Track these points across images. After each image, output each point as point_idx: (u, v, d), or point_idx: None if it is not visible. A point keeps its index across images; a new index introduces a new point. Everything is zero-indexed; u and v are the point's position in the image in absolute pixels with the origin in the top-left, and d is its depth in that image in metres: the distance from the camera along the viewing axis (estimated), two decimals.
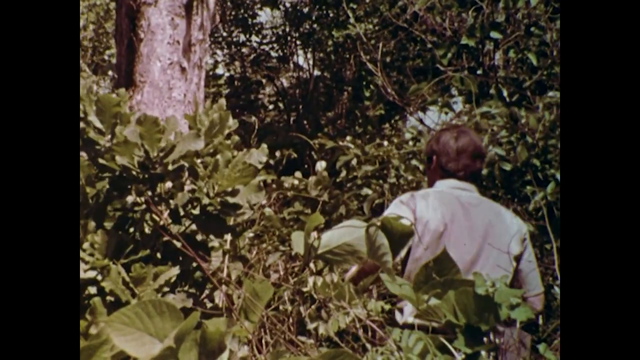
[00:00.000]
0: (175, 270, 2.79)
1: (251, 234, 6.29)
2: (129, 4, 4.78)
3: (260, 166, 2.96)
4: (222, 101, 3.01)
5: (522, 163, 5.22)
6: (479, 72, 6.97)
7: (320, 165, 5.83)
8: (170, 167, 2.80)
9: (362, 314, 2.75)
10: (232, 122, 3.00)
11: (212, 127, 2.92)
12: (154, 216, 2.92)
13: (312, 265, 3.27)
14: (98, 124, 2.84)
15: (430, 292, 2.16)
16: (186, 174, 2.92)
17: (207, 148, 2.89)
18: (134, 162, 2.77)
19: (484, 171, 5.40)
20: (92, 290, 2.81)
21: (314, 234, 2.54)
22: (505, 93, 6.60)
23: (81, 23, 10.82)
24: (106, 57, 11.95)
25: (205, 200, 2.87)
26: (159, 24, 4.67)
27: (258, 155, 2.96)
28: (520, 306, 2.08)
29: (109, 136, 2.84)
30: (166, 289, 2.80)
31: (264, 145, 3.03)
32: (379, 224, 2.39)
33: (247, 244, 6.17)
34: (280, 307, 4.49)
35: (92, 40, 11.59)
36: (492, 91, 6.55)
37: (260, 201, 3.11)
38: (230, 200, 2.88)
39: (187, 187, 2.99)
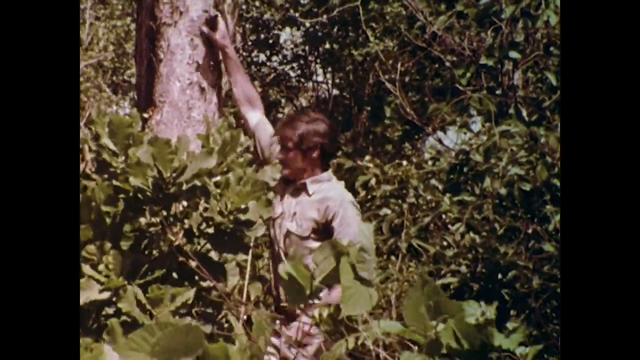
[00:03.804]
0: (190, 293, 2.79)
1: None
2: (148, 25, 4.81)
3: (273, 183, 2.97)
4: (231, 119, 3.03)
5: (542, 183, 5.19)
6: (498, 92, 6.95)
7: None
8: (184, 187, 2.81)
9: (374, 335, 2.73)
10: (244, 140, 3.01)
11: (225, 145, 2.93)
12: (170, 236, 2.92)
13: None
14: (111, 146, 2.85)
15: (438, 319, 2.16)
16: (199, 192, 2.93)
17: (221, 167, 2.90)
18: (147, 183, 2.78)
19: (503, 191, 5.38)
20: (110, 310, 2.82)
21: (312, 264, 2.55)
22: (524, 113, 6.58)
23: (102, 44, 10.89)
24: (126, 78, 12.01)
25: (218, 218, 2.87)
26: (179, 45, 4.68)
27: (271, 172, 2.97)
28: (515, 334, 2.10)
29: (123, 157, 2.85)
30: (183, 310, 2.80)
31: (278, 164, 3.04)
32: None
33: (266, 264, 6.17)
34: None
35: (113, 61, 11.65)
36: (511, 111, 6.52)
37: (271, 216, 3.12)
38: (243, 217, 2.89)
39: (201, 206, 2.99)
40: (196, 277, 2.95)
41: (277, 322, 3.92)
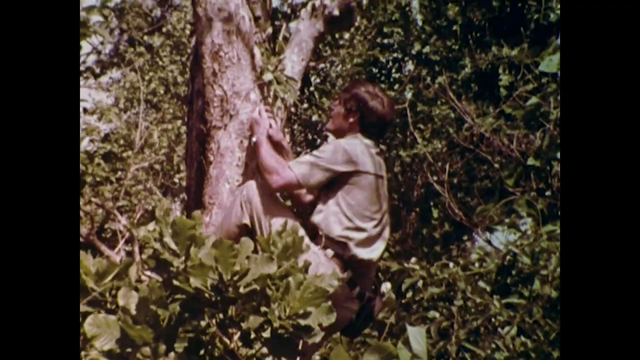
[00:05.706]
0: None
1: (317, 357, 6.23)
2: (199, 128, 4.90)
3: (331, 290, 2.96)
4: (297, 224, 3.05)
5: None
6: (548, 193, 6.92)
7: (386, 286, 5.79)
8: (242, 290, 2.82)
9: None
10: (305, 246, 3.03)
11: (285, 250, 2.95)
12: (225, 339, 2.92)
13: None
14: (173, 246, 2.89)
15: None
16: (258, 296, 2.93)
17: (280, 271, 2.91)
18: (207, 285, 2.80)
19: (554, 294, 5.31)
20: None
21: None
22: None
23: (155, 146, 11.10)
24: (176, 180, 12.17)
25: (277, 323, 2.87)
26: (228, 147, 4.74)
27: (329, 279, 2.97)
28: None
29: (183, 258, 2.89)
30: None
31: (336, 269, 3.04)
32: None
33: None
34: None
35: (163, 164, 11.84)
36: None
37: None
38: (302, 322, 2.88)
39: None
40: None
41: None
